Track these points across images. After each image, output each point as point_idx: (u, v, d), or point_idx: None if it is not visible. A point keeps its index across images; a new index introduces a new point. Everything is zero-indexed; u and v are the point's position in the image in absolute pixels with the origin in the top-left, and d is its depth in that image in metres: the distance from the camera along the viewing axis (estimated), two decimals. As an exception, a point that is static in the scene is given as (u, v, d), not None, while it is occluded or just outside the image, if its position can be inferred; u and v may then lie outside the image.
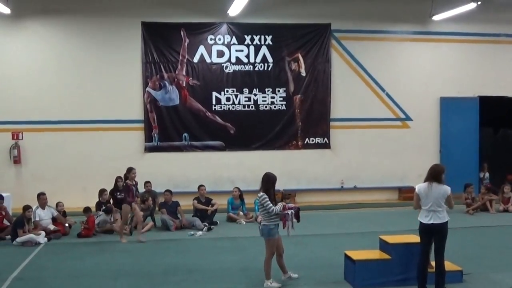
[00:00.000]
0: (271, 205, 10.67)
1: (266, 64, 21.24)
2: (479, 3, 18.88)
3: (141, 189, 19.00)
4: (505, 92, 22.57)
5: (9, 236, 15.43)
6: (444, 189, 10.17)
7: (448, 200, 10.15)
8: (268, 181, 10.93)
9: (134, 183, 15.65)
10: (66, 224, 16.64)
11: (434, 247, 10.21)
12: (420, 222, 10.31)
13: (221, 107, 21.06)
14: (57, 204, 17.07)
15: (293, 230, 11.17)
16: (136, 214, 15.52)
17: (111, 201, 17.45)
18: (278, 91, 21.35)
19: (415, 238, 10.95)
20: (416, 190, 10.52)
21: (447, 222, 10.18)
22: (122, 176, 16.37)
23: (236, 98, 21.12)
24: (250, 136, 21.30)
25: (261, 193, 10.82)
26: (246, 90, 21.17)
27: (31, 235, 15.07)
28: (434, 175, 10.30)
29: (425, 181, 10.45)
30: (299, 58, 21.42)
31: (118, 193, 18.12)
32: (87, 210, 16.52)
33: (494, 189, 20.61)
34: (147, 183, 18.88)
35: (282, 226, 11.04)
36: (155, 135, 20.68)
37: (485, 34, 22.28)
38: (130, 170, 15.77)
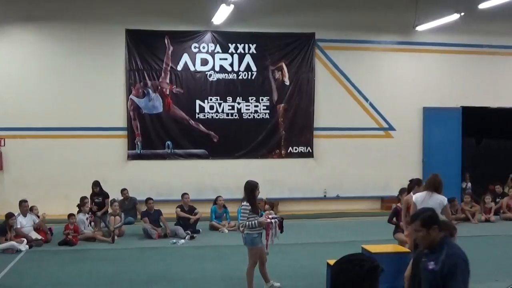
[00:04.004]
0: (245, 221, 10.73)
1: (250, 73, 21.25)
2: (462, 14, 19.00)
3: (119, 197, 19.09)
4: (488, 103, 22.74)
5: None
6: (441, 199, 10.29)
7: (445, 210, 10.27)
8: (249, 189, 10.94)
9: None
10: (48, 232, 16.58)
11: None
12: None
13: (204, 115, 21.02)
14: (31, 208, 16.95)
15: (277, 239, 11.19)
16: None
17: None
18: (262, 99, 21.35)
19: (397, 248, 10.99)
20: (413, 199, 10.60)
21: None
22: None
23: (220, 106, 21.10)
24: (233, 145, 21.27)
25: (244, 203, 10.83)
26: (229, 99, 21.15)
27: (12, 243, 15.01)
28: (436, 185, 10.41)
29: (423, 190, 10.57)
30: (283, 67, 21.44)
31: (96, 198, 18.26)
32: (71, 216, 16.44)
33: (475, 198, 20.76)
34: (123, 190, 18.96)
35: (266, 236, 11.04)
36: (138, 142, 20.59)
37: (468, 45, 22.39)
38: None
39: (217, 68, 21.05)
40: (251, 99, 21.28)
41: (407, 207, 12.03)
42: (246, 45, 21.21)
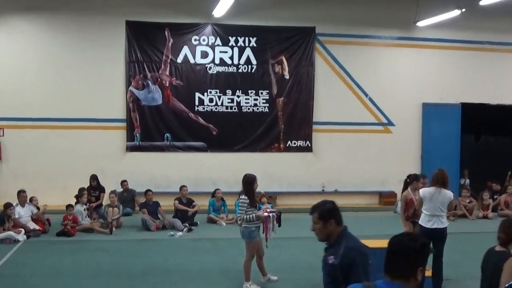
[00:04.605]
0: (243, 215, 10.80)
1: (249, 66, 21.23)
2: (463, 10, 18.97)
3: (119, 188, 19.10)
4: (487, 100, 22.69)
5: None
6: (449, 194, 10.44)
7: (450, 204, 10.43)
8: (247, 182, 10.95)
9: None
10: (46, 223, 16.60)
11: (432, 252, 10.37)
12: (422, 226, 10.43)
13: (204, 108, 21.00)
14: (31, 199, 16.99)
15: (274, 233, 11.22)
16: None
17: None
18: (261, 93, 21.33)
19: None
20: (421, 194, 10.67)
21: (447, 227, 10.37)
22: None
23: (219, 99, 21.08)
24: (232, 138, 21.26)
25: (242, 197, 10.86)
26: (229, 92, 21.14)
27: (10, 233, 15.04)
28: (444, 181, 10.49)
29: (430, 186, 10.64)
30: (282, 61, 21.41)
31: (93, 191, 18.29)
32: (69, 207, 16.42)
33: (473, 195, 20.78)
34: (123, 181, 19.01)
35: (264, 229, 11.08)
36: (137, 134, 20.58)
37: (469, 41, 22.38)
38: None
39: (217, 61, 21.03)
40: (251, 93, 21.26)
41: (405, 203, 12.06)
42: (247, 38, 21.18)
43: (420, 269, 4.12)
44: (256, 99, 21.30)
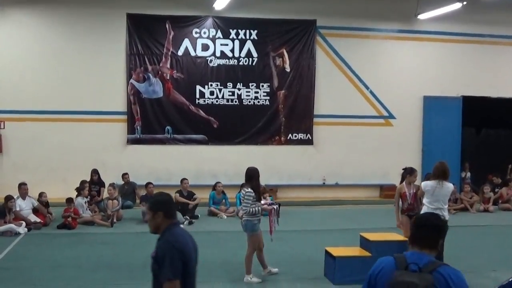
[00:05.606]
0: (248, 208, 10.81)
1: (250, 59, 21.20)
2: (464, 3, 18.95)
3: (119, 181, 19.09)
4: (489, 93, 22.68)
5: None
6: (451, 187, 10.48)
7: (452, 196, 10.58)
8: (254, 176, 10.94)
9: None
10: (48, 214, 16.59)
11: None
12: None
13: (204, 101, 20.99)
14: (40, 194, 16.96)
15: (278, 225, 11.27)
16: None
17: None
18: (262, 86, 21.31)
19: (396, 236, 10.99)
20: (423, 187, 10.67)
21: (447, 220, 10.39)
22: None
23: (220, 92, 21.06)
24: (233, 131, 21.25)
25: (248, 190, 10.84)
26: (230, 85, 21.12)
27: (11, 225, 15.04)
28: (445, 173, 10.52)
29: (431, 179, 10.64)
30: (283, 54, 21.39)
31: (94, 186, 18.27)
32: (69, 200, 16.42)
33: (474, 188, 20.78)
34: (124, 174, 19.00)
35: (269, 222, 11.17)
36: (138, 127, 20.57)
37: (470, 34, 22.35)
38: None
39: (218, 54, 21.01)
40: (252, 85, 21.24)
41: (399, 196, 12.08)
42: (247, 31, 21.16)
43: (441, 242, 4.86)
44: (257, 92, 21.29)
